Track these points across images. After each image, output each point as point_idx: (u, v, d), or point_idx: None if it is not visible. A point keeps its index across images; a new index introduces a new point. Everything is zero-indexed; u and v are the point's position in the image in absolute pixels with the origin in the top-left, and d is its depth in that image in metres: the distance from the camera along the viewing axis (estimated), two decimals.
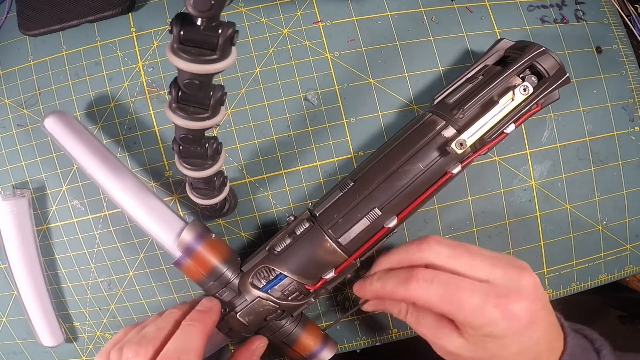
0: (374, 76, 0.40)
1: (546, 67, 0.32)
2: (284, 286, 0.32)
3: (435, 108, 0.34)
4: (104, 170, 0.33)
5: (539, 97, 0.32)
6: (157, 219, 0.33)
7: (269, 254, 0.33)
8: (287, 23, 0.40)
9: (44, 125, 0.34)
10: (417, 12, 0.41)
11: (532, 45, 0.32)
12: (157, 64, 0.40)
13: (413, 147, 0.32)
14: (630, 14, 0.42)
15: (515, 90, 0.31)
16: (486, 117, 0.31)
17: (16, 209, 0.38)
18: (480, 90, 0.32)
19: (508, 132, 0.31)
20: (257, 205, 0.40)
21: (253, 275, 0.33)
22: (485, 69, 0.35)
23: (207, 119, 0.24)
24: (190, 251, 0.33)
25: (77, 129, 0.34)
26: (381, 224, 0.31)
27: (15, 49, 0.41)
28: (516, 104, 0.31)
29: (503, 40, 0.35)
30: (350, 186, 0.32)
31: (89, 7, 0.39)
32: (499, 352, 0.27)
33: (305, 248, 0.32)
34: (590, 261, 0.42)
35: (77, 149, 0.34)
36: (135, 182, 0.33)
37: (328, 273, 0.32)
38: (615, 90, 0.41)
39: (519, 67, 0.32)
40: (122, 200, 0.33)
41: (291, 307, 0.33)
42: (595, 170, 0.41)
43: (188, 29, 0.19)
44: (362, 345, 0.42)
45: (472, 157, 0.31)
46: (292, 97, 0.40)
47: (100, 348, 0.42)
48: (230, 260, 0.34)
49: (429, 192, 0.31)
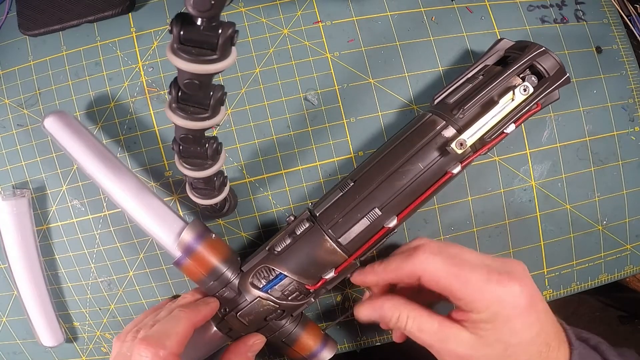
0: (374, 76, 0.40)
1: (546, 67, 0.32)
2: (284, 286, 0.32)
3: (435, 108, 0.34)
4: (104, 171, 0.33)
5: (539, 97, 0.32)
6: (157, 219, 0.33)
7: (269, 254, 0.33)
8: (287, 23, 0.40)
9: (43, 125, 0.34)
10: (417, 12, 0.41)
11: (532, 45, 0.32)
12: (157, 64, 0.40)
13: (413, 147, 0.32)
14: (630, 14, 0.42)
15: (515, 90, 0.31)
16: (486, 117, 0.31)
17: (16, 209, 0.38)
18: (480, 91, 0.32)
19: (508, 132, 0.31)
20: (257, 205, 0.40)
21: (253, 275, 0.33)
22: (486, 69, 0.35)
23: (207, 119, 0.24)
24: (190, 251, 0.33)
25: (77, 129, 0.34)
26: (381, 224, 0.31)
27: (15, 49, 0.41)
28: (516, 104, 0.31)
29: (503, 40, 0.35)
30: (350, 186, 0.32)
31: (89, 7, 0.39)
32: (510, 339, 0.27)
33: (305, 248, 0.32)
34: (590, 261, 0.42)
35: (77, 149, 0.34)
36: (135, 182, 0.33)
37: (328, 273, 0.32)
38: (615, 90, 0.41)
39: (519, 67, 0.32)
40: (122, 201, 0.33)
41: (291, 307, 0.33)
42: (595, 170, 0.41)
43: (188, 29, 0.19)
44: (362, 345, 0.42)
45: (472, 157, 0.31)
46: (292, 97, 0.40)
47: (100, 348, 0.42)
48: (230, 260, 0.34)
49: (429, 192, 0.31)
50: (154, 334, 0.28)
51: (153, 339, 0.27)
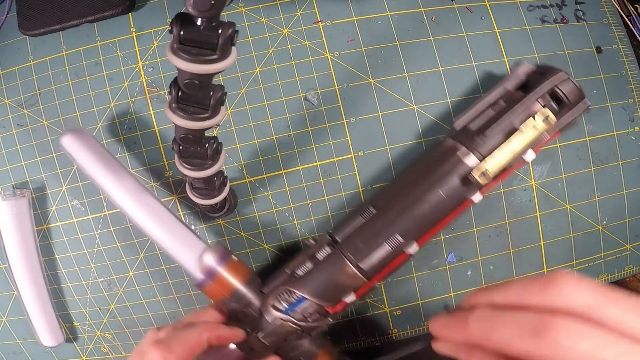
0: (374, 76, 0.40)
1: (566, 92, 0.32)
2: (305, 308, 0.33)
3: (456, 134, 0.34)
4: (125, 193, 0.32)
5: (559, 125, 0.32)
6: (179, 241, 0.33)
7: (290, 277, 0.33)
8: (287, 23, 0.40)
9: (61, 144, 0.33)
10: (417, 12, 0.41)
11: (553, 70, 0.32)
12: (157, 64, 0.40)
13: (434, 174, 0.32)
14: (630, 14, 0.42)
15: (537, 118, 0.31)
16: (508, 146, 0.31)
17: (16, 209, 0.38)
18: (502, 117, 0.31)
19: (527, 159, 0.31)
20: (257, 205, 0.40)
21: (274, 297, 0.33)
22: (507, 94, 0.34)
23: (207, 119, 0.24)
24: (212, 274, 0.33)
25: (96, 149, 0.33)
26: (402, 249, 0.32)
27: (15, 49, 0.41)
28: (538, 132, 0.31)
29: (524, 63, 0.35)
30: (371, 213, 0.33)
31: (89, 7, 0.39)
32: None
33: (326, 272, 0.32)
34: (590, 261, 0.42)
35: (96, 170, 0.32)
36: (156, 204, 0.33)
37: (348, 296, 0.32)
38: (615, 90, 0.41)
39: (540, 94, 0.31)
40: (143, 223, 0.33)
41: (311, 328, 0.34)
42: (595, 170, 0.41)
43: (188, 29, 0.19)
44: (362, 345, 0.42)
45: (492, 185, 0.31)
46: (292, 97, 0.40)
47: (100, 348, 0.42)
48: (251, 282, 0.34)
49: (449, 219, 0.32)
50: (167, 339, 0.29)
51: (163, 344, 0.28)
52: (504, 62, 0.40)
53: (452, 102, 0.40)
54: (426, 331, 0.41)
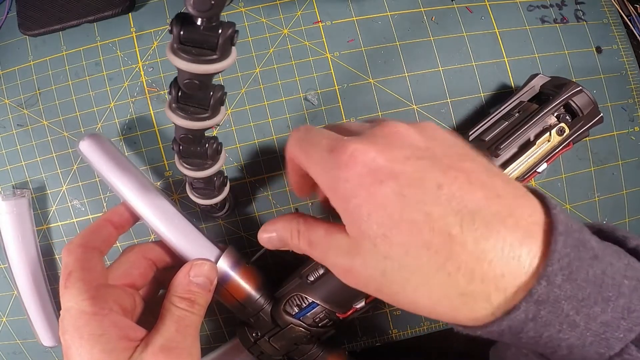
0: (374, 76, 0.40)
1: (580, 105, 0.32)
2: (316, 314, 0.33)
3: (470, 145, 0.34)
4: (142, 199, 0.32)
5: (572, 137, 0.32)
6: (194, 247, 0.33)
7: (302, 283, 0.33)
8: (287, 23, 0.40)
9: (79, 149, 0.33)
10: (417, 12, 0.41)
11: (568, 83, 0.32)
12: (157, 64, 0.40)
13: None
14: (630, 14, 0.42)
15: (552, 131, 0.31)
16: (523, 158, 0.31)
17: (16, 209, 0.38)
18: (517, 130, 0.31)
19: (540, 171, 0.31)
20: (257, 205, 0.40)
21: (286, 303, 0.34)
22: (521, 105, 0.34)
23: (207, 119, 0.24)
24: (226, 279, 0.33)
25: (114, 154, 0.33)
26: None
27: (15, 49, 0.41)
28: (552, 145, 0.31)
29: (539, 75, 0.35)
30: None
31: (89, 7, 0.39)
32: (386, 231, 0.18)
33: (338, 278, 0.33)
34: None
35: (113, 175, 0.33)
36: (172, 210, 0.33)
37: (359, 302, 0.32)
38: (615, 90, 0.41)
39: (555, 107, 0.32)
40: (159, 228, 0.33)
41: (321, 332, 0.34)
42: (595, 170, 0.41)
43: (188, 29, 0.19)
44: (362, 345, 0.42)
45: None
46: (292, 97, 0.40)
47: None
48: (263, 287, 0.34)
49: None
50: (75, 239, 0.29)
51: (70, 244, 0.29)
52: (504, 62, 0.40)
53: (452, 102, 0.40)
54: (426, 331, 0.41)
